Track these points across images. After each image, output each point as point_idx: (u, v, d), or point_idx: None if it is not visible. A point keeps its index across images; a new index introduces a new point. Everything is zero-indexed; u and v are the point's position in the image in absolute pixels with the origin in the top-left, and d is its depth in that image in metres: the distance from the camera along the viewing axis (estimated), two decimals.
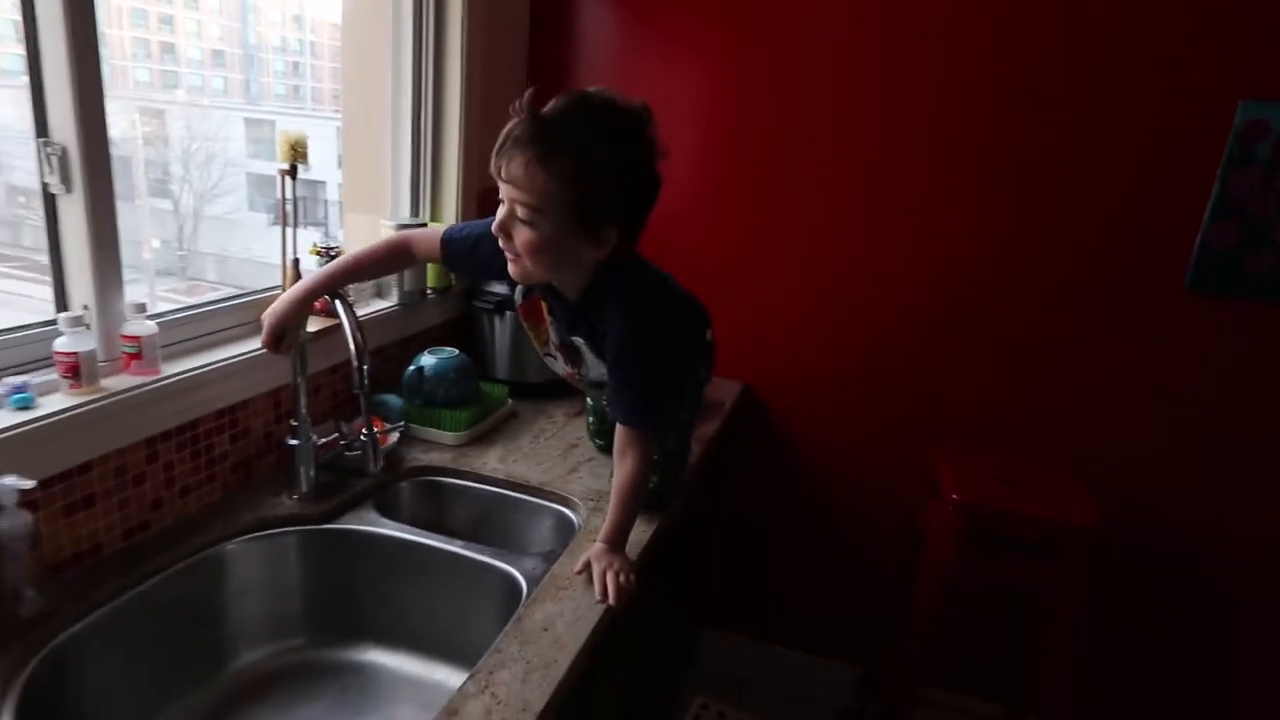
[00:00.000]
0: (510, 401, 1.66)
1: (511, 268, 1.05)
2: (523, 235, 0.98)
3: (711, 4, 1.83)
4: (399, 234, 1.30)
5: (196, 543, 1.11)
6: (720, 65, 1.86)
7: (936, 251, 1.81)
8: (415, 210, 1.78)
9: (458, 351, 1.56)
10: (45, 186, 1.03)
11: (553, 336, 1.24)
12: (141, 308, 1.09)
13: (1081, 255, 1.74)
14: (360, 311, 1.55)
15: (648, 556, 1.18)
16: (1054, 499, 1.60)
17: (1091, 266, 1.73)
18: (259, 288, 1.40)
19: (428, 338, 1.71)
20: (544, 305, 1.21)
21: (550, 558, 1.15)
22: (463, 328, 1.81)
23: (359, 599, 1.21)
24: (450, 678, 1.17)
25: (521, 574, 1.12)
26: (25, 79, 1.00)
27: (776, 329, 1.97)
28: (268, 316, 1.15)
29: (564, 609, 1.02)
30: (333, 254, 1.44)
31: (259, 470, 1.31)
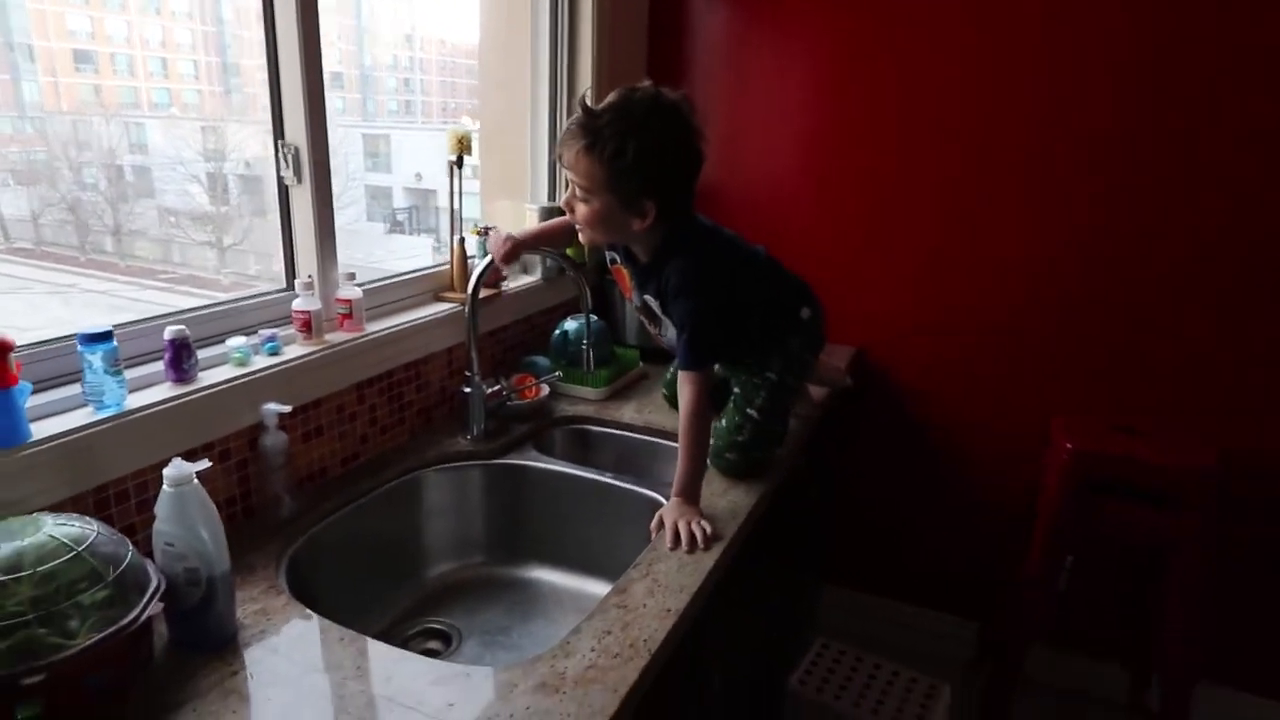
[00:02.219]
0: (641, 364, 1.84)
1: (581, 236, 1.28)
2: (581, 210, 1.20)
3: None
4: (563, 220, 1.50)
5: (395, 470, 1.34)
6: (831, 55, 1.98)
7: (1060, 234, 1.85)
8: (552, 194, 1.99)
9: (596, 317, 1.75)
10: (281, 179, 1.28)
11: (635, 300, 1.40)
12: (351, 276, 1.33)
13: (1206, 239, 1.74)
14: (510, 285, 1.76)
15: (750, 524, 1.25)
16: (1170, 447, 1.63)
17: (1215, 251, 1.73)
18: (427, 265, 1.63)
19: (567, 308, 1.91)
20: (625, 271, 1.38)
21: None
22: (597, 299, 2.00)
23: (527, 523, 1.41)
24: (602, 589, 1.34)
25: (668, 499, 1.28)
26: (265, 96, 1.25)
27: (899, 297, 2.05)
28: (506, 235, 1.39)
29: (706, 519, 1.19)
30: (489, 232, 1.65)
31: (436, 417, 1.54)
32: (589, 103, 1.17)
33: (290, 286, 1.34)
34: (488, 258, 1.42)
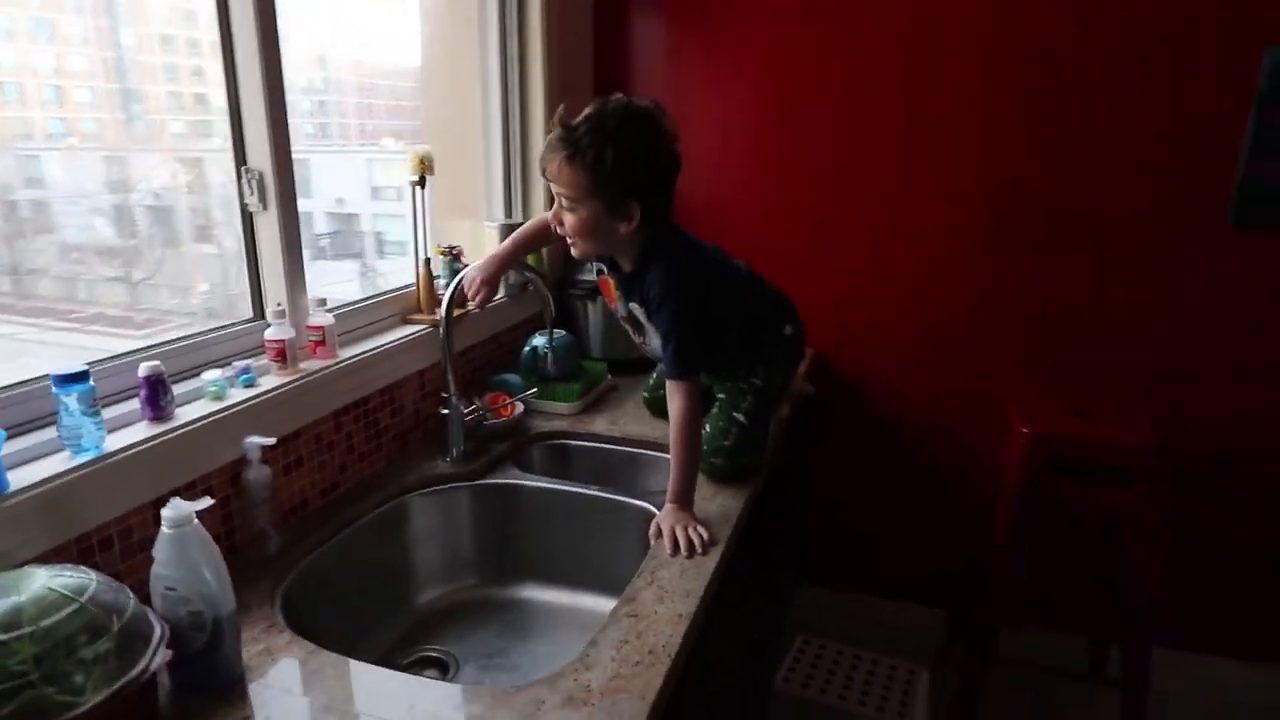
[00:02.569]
0: (609, 376, 1.85)
1: (572, 249, 1.29)
2: (569, 220, 1.23)
3: (758, 7, 2.01)
4: (541, 216, 1.51)
5: (379, 497, 1.32)
6: (762, 60, 2.03)
7: (990, 209, 1.96)
8: (509, 211, 1.98)
9: (564, 332, 1.75)
10: (245, 206, 1.25)
11: (620, 309, 1.43)
12: (322, 302, 1.31)
13: (1130, 203, 1.86)
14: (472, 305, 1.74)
15: (742, 523, 1.28)
16: (1120, 425, 1.73)
17: (1140, 214, 1.86)
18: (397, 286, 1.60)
19: (533, 324, 1.91)
20: (611, 282, 1.40)
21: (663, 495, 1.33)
22: (561, 313, 2.00)
23: (516, 542, 1.40)
24: (598, 604, 1.35)
25: (657, 508, 1.29)
26: (226, 121, 1.22)
27: (847, 301, 2.12)
28: (479, 278, 1.38)
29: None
30: (455, 252, 1.64)
31: (412, 441, 1.51)
32: (562, 118, 1.20)
33: (258, 316, 1.31)
34: (456, 278, 1.42)
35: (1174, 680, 1.99)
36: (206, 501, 0.83)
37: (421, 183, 1.53)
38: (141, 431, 1.00)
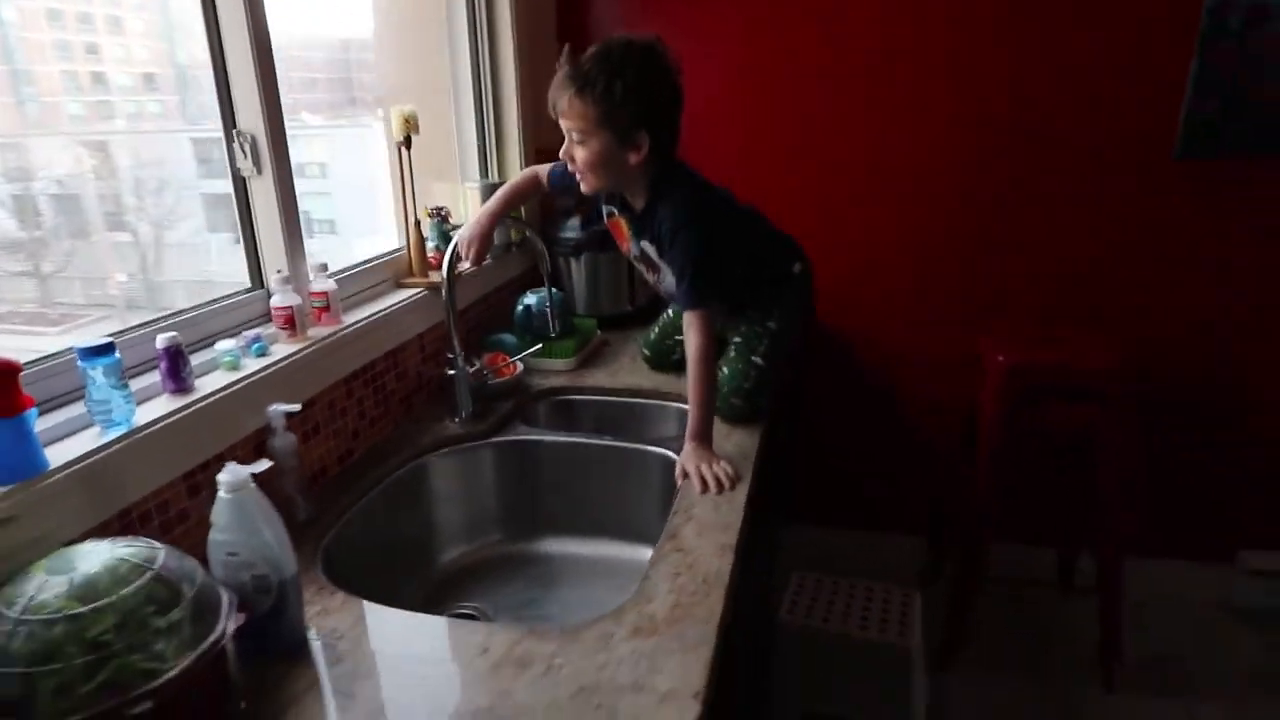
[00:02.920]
0: (599, 332, 1.86)
1: (582, 185, 1.32)
2: (580, 154, 1.26)
3: None
4: (530, 169, 1.52)
5: (398, 460, 1.31)
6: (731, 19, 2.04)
7: (950, 157, 2.02)
8: (484, 172, 1.96)
9: (555, 289, 1.75)
10: (237, 171, 1.21)
11: (632, 250, 1.45)
12: (324, 267, 1.28)
13: (1080, 141, 1.95)
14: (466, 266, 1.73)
15: (760, 460, 1.32)
16: (1087, 349, 1.83)
17: (1090, 151, 1.95)
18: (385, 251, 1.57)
19: (519, 283, 1.90)
20: (622, 221, 1.42)
21: (680, 440, 1.36)
22: (527, 276, 2.00)
23: (538, 497, 1.42)
24: (622, 551, 1.38)
25: (674, 453, 1.32)
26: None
27: (825, 250, 2.16)
28: (471, 238, 1.39)
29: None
30: (442, 213, 1.62)
31: (416, 404, 1.50)
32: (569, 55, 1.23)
33: (256, 285, 1.27)
34: (454, 239, 1.41)
35: (1140, 585, 2.14)
36: (264, 464, 0.83)
37: (407, 143, 1.50)
38: (167, 404, 0.97)
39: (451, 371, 1.42)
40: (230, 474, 0.80)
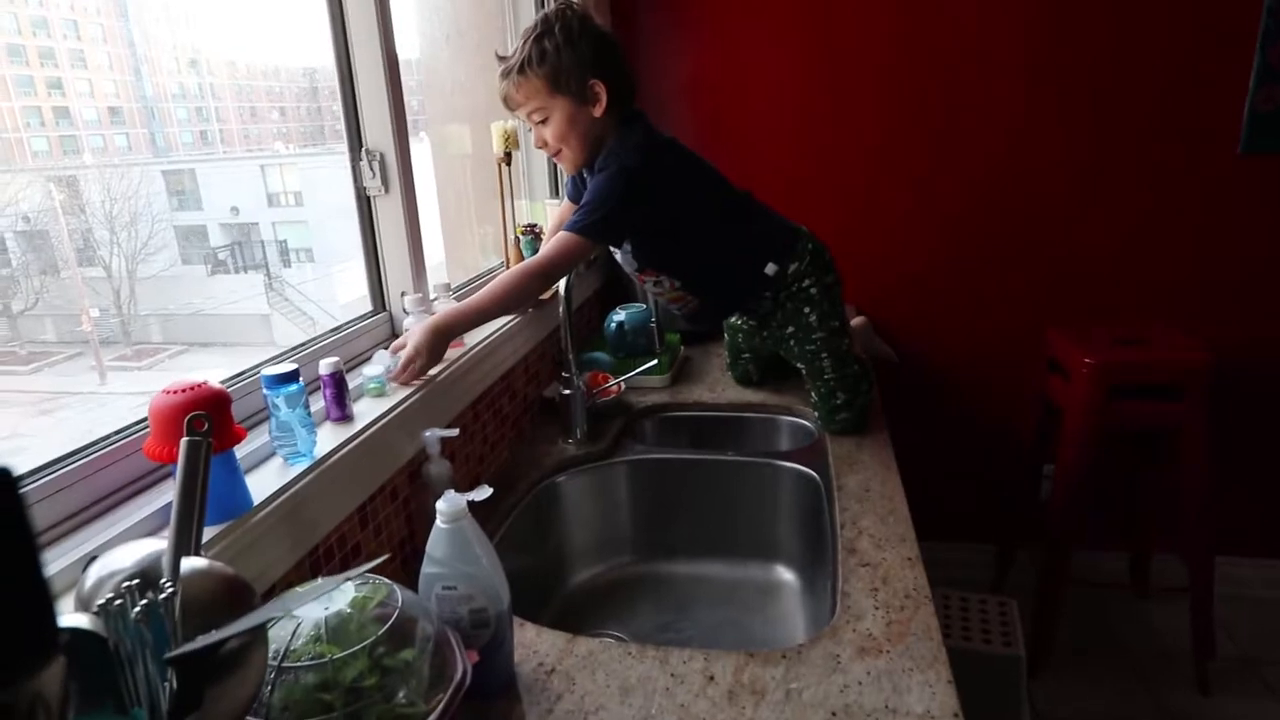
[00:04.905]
0: (682, 348, 1.83)
1: (564, 166, 1.31)
2: (549, 132, 1.25)
3: None
4: (553, 222, 1.49)
5: (524, 485, 1.27)
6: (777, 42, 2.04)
7: (1017, 155, 2.03)
8: (554, 191, 1.93)
9: (642, 305, 1.72)
10: (364, 191, 1.17)
11: None
12: (447, 287, 1.24)
13: (1146, 136, 1.97)
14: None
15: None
16: (1168, 348, 1.83)
17: (1155, 146, 1.97)
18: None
19: (596, 301, 1.87)
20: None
21: (805, 453, 1.35)
22: (613, 290, 1.97)
23: (666, 516, 1.38)
24: (753, 571, 1.34)
25: (803, 467, 1.30)
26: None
27: (881, 255, 2.16)
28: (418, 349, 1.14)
29: (867, 477, 1.21)
30: (534, 230, 1.59)
31: (524, 425, 1.46)
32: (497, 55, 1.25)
33: (379, 308, 1.23)
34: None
35: (1225, 584, 2.13)
36: (486, 491, 0.79)
37: (507, 159, 1.47)
38: (337, 434, 0.93)
39: (567, 392, 1.39)
40: (448, 503, 0.76)
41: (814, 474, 1.27)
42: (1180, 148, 1.96)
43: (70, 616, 0.47)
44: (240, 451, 0.84)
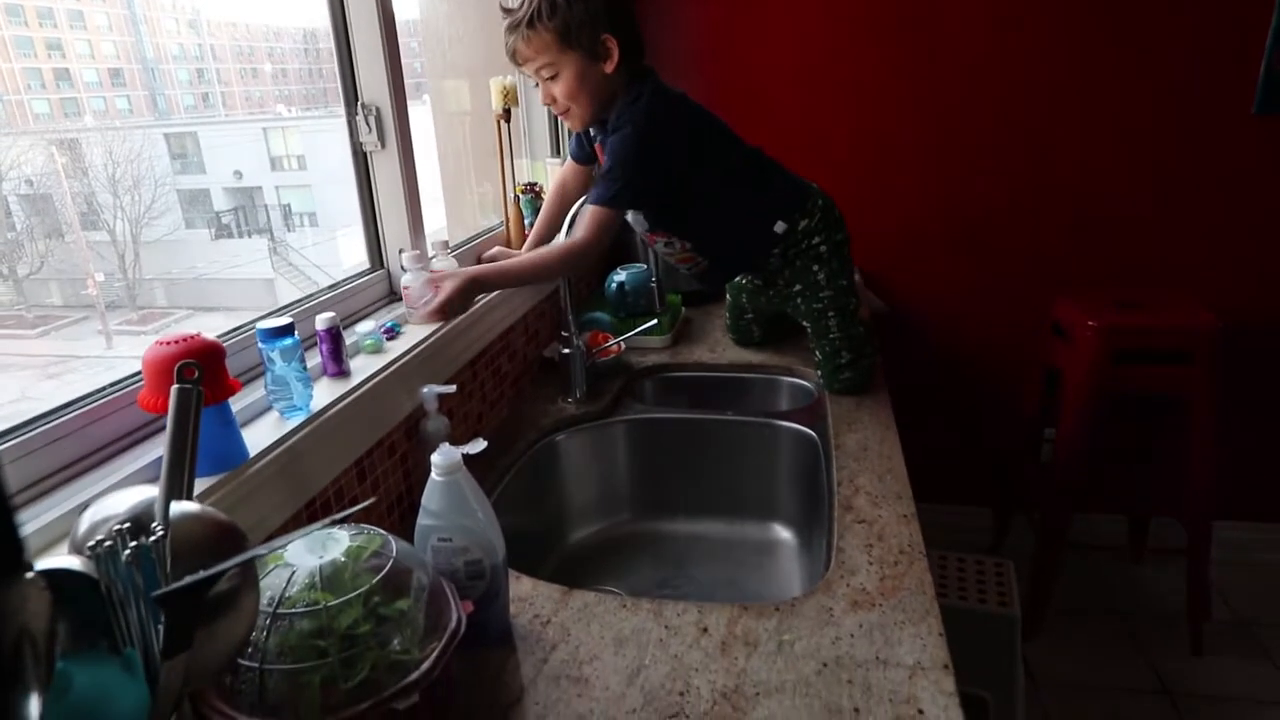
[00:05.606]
0: (683, 309, 1.82)
1: (572, 123, 1.27)
2: (558, 88, 1.21)
3: None
4: (555, 181, 1.49)
5: (523, 443, 1.27)
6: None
7: (1021, 114, 1.99)
8: (555, 149, 1.91)
9: (643, 265, 1.71)
10: (360, 146, 1.16)
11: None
12: (445, 244, 1.23)
13: (1158, 96, 1.93)
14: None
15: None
16: (1173, 313, 1.81)
17: (1167, 105, 1.93)
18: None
19: (599, 262, 1.86)
20: (600, 149, 1.33)
21: (804, 413, 1.34)
22: (614, 249, 1.95)
23: (664, 475, 1.38)
24: (750, 530, 1.35)
25: (803, 426, 1.30)
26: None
27: (886, 213, 2.14)
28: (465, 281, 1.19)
29: (865, 436, 1.21)
30: (535, 189, 1.57)
31: (524, 384, 1.46)
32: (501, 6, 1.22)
33: (377, 265, 1.22)
34: (566, 217, 1.36)
35: (1223, 548, 2.14)
36: (480, 444, 0.79)
37: (506, 116, 1.45)
38: (333, 389, 0.93)
39: (567, 351, 1.38)
40: (443, 456, 0.76)
41: (812, 433, 1.28)
42: (1194, 109, 1.93)
43: (60, 558, 0.48)
44: (236, 405, 0.84)
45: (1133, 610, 2.11)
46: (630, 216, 1.35)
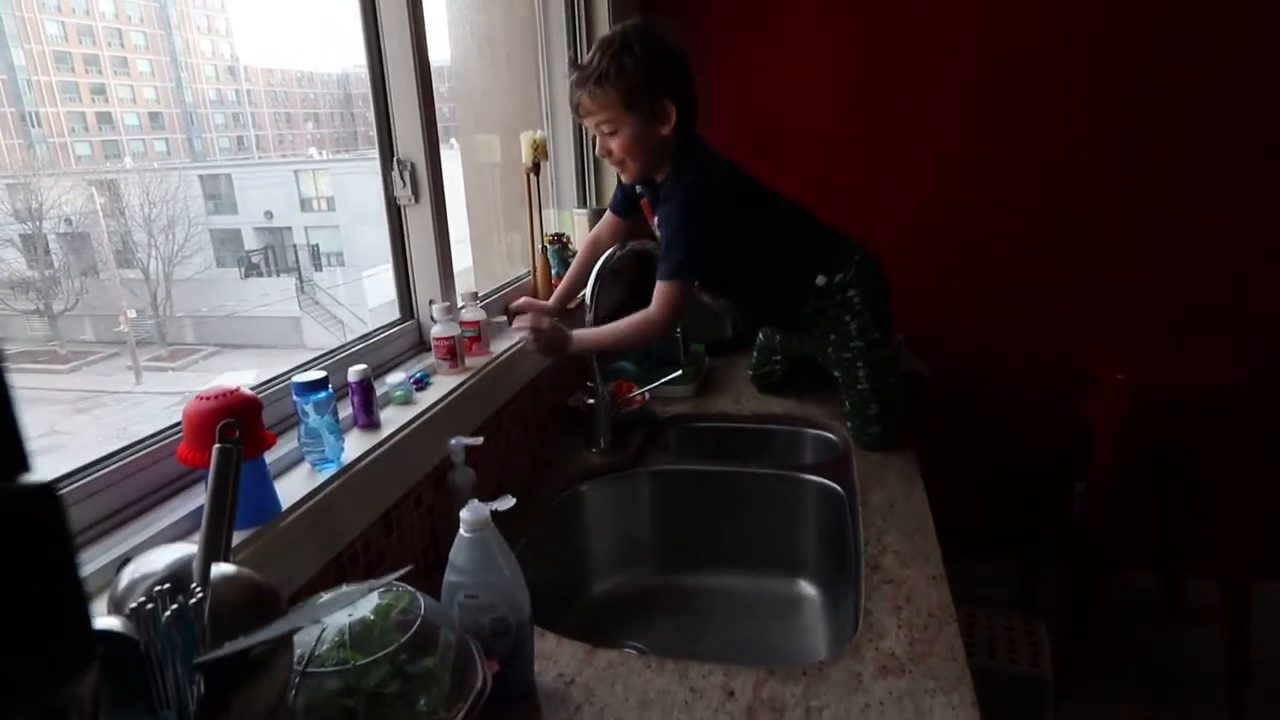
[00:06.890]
0: (707, 358, 1.83)
1: (624, 175, 1.34)
2: (616, 144, 1.26)
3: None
4: (590, 234, 1.55)
5: (548, 493, 1.27)
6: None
7: (1058, 151, 2.00)
8: (582, 200, 1.94)
9: None
10: (395, 200, 1.19)
11: (657, 229, 1.42)
12: (475, 296, 1.25)
13: (1191, 135, 1.93)
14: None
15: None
16: (1208, 360, 1.79)
17: (1201, 144, 1.93)
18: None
19: (619, 313, 1.87)
20: (645, 206, 1.43)
21: (830, 467, 1.33)
22: (637, 300, 1.97)
23: (689, 528, 1.38)
24: (775, 585, 1.33)
25: (827, 480, 1.29)
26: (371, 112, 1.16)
27: (914, 266, 2.14)
28: (550, 327, 1.32)
29: (892, 492, 1.20)
30: (562, 240, 1.60)
31: (548, 434, 1.47)
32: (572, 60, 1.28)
33: (407, 316, 1.25)
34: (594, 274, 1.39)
35: (1261, 608, 2.07)
36: (509, 501, 0.79)
37: (536, 169, 1.48)
38: (363, 440, 0.94)
39: (591, 400, 1.39)
40: (472, 512, 0.76)
41: (838, 488, 1.27)
42: (1224, 148, 1.92)
43: (104, 619, 0.48)
44: (269, 457, 0.85)
45: (1168, 672, 2.04)
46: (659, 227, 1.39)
